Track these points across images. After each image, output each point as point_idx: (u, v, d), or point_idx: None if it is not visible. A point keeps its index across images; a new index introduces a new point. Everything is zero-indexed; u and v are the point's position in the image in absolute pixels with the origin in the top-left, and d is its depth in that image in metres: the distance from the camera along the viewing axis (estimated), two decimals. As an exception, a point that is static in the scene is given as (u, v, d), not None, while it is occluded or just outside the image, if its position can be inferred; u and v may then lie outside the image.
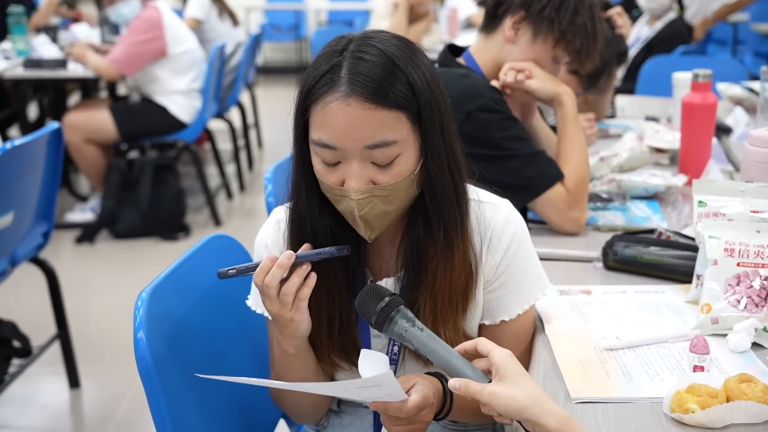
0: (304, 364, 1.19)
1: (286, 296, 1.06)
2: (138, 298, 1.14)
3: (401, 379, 1.05)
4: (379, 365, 1.03)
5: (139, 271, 3.65)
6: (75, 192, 4.55)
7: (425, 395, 1.03)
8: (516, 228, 1.17)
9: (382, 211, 1.07)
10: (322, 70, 1.03)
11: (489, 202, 1.18)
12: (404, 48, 1.06)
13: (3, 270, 2.26)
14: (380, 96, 1.01)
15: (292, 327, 1.11)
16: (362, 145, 1.02)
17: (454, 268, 1.12)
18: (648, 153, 2.10)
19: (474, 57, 1.77)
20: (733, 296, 1.23)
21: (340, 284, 1.15)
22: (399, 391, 0.98)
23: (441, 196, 1.09)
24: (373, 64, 1.02)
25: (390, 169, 1.05)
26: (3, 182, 2.08)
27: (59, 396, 2.67)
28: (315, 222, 1.12)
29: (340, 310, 1.16)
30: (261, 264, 1.07)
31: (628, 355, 1.17)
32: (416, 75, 1.04)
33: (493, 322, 1.20)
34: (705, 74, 1.91)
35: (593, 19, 1.69)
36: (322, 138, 1.04)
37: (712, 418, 0.97)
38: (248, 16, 8.43)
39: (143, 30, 3.90)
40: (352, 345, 1.18)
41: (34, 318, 2.78)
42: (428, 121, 1.05)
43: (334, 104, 1.02)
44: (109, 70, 3.89)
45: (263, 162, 5.52)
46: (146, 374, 1.10)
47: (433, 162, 1.07)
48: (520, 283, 1.19)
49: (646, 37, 4.13)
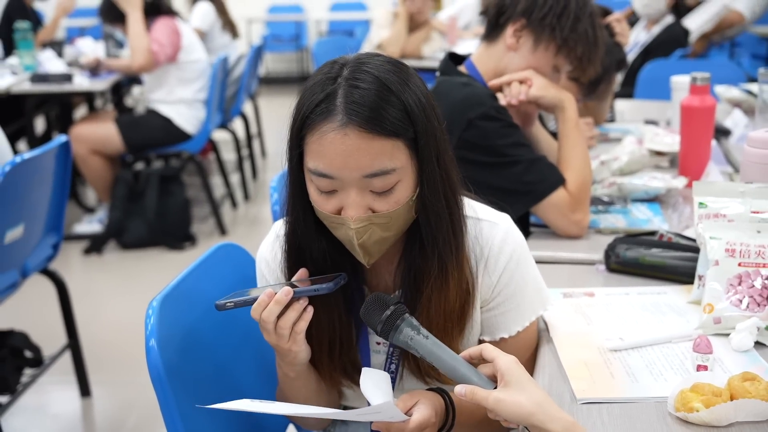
0: (305, 385, 1.20)
1: (283, 329, 1.06)
2: (149, 307, 1.15)
3: (404, 397, 1.05)
4: (381, 384, 1.04)
5: (147, 280, 3.68)
6: (82, 204, 4.58)
7: (427, 414, 1.03)
8: (513, 247, 1.16)
9: (380, 238, 1.06)
10: (316, 99, 1.01)
11: (487, 219, 1.17)
12: (399, 73, 1.04)
13: (14, 281, 2.29)
14: (377, 124, 0.99)
15: (290, 356, 1.12)
16: (360, 174, 1.01)
17: (448, 294, 1.12)
18: (648, 156, 2.12)
19: (475, 65, 1.79)
20: (735, 296, 1.25)
21: (339, 307, 1.15)
22: (399, 414, 0.99)
23: (436, 224, 1.08)
24: (367, 92, 1.00)
25: (389, 197, 1.04)
26: (13, 195, 2.11)
27: (70, 405, 2.70)
28: (313, 246, 1.11)
29: (340, 333, 1.16)
30: (258, 300, 1.06)
31: (632, 355, 1.18)
32: (412, 100, 1.02)
33: (493, 339, 1.20)
34: (703, 77, 1.93)
35: (594, 27, 1.70)
36: (318, 167, 1.02)
37: (717, 416, 0.98)
38: (250, 27, 8.47)
39: (163, 32, 3.97)
40: (352, 366, 1.19)
41: (45, 328, 2.81)
42: (424, 148, 1.04)
43: (331, 134, 1.00)
44: (143, 56, 3.91)
45: (267, 171, 5.54)
46: (158, 381, 1.10)
47: (429, 189, 1.06)
48: (519, 301, 1.18)
49: (643, 42, 4.14)
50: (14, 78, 3.99)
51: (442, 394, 1.10)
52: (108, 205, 4.10)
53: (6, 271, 2.22)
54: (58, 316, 2.63)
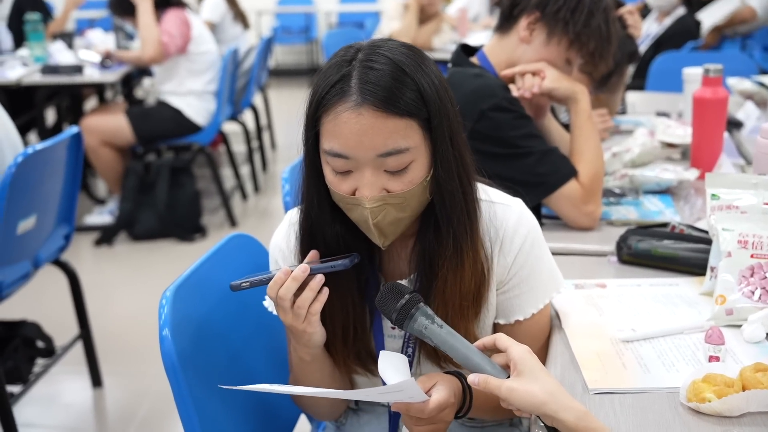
0: (320, 369, 1.20)
1: (300, 309, 1.07)
2: (162, 296, 1.16)
3: (422, 379, 1.06)
4: (399, 366, 1.05)
5: (158, 271, 3.69)
6: (93, 195, 4.60)
7: (446, 395, 1.04)
8: (528, 229, 1.17)
9: (396, 218, 1.07)
10: (332, 81, 1.03)
11: (501, 202, 1.18)
12: (413, 56, 1.06)
13: (27, 272, 2.30)
14: (391, 104, 1.01)
15: (305, 338, 1.12)
16: (375, 153, 1.02)
17: (463, 275, 1.12)
18: (660, 148, 2.11)
19: (488, 56, 1.79)
20: (747, 287, 1.25)
21: (353, 292, 1.16)
22: (420, 394, 1.00)
23: (450, 205, 1.09)
24: (382, 73, 1.02)
25: (403, 176, 1.05)
26: (26, 186, 2.12)
27: (82, 395, 2.72)
28: (327, 230, 1.12)
29: (354, 319, 1.17)
30: (275, 277, 1.07)
31: (644, 346, 1.19)
32: (425, 82, 1.04)
33: (508, 322, 1.21)
34: (716, 69, 1.92)
35: (608, 22, 1.70)
36: (334, 147, 1.04)
37: (729, 406, 0.99)
38: (259, 19, 8.47)
39: (174, 24, 3.98)
40: (367, 352, 1.20)
41: (57, 319, 2.82)
42: (438, 129, 1.05)
43: (345, 114, 1.02)
44: (153, 48, 3.93)
45: (277, 163, 5.55)
46: (172, 371, 1.11)
47: (443, 170, 1.07)
48: (534, 283, 1.19)
49: (655, 34, 4.13)
50: (25, 69, 4.01)
51: (459, 377, 1.11)
52: (118, 196, 4.12)
53: (18, 262, 2.24)
54: (70, 307, 2.64)
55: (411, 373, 1.11)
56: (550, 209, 1.72)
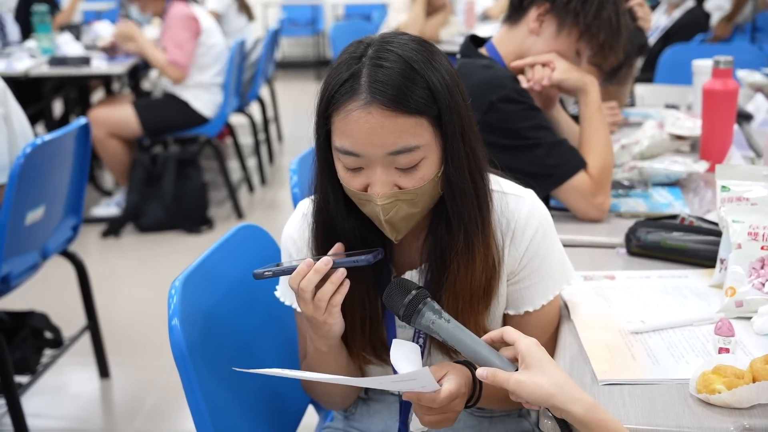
0: (336, 360, 1.20)
1: (321, 301, 1.07)
2: (171, 286, 1.16)
3: (433, 368, 1.06)
4: (411, 355, 1.05)
5: (164, 263, 3.70)
6: (100, 187, 4.61)
7: (457, 385, 1.04)
8: (540, 220, 1.17)
9: (407, 214, 1.08)
10: (341, 78, 1.03)
11: (512, 193, 1.18)
12: (423, 51, 1.05)
13: (35, 263, 2.31)
14: (400, 103, 1.01)
15: (325, 329, 1.12)
16: (385, 151, 1.03)
17: (474, 269, 1.12)
18: (669, 140, 2.10)
19: (497, 48, 1.78)
20: (757, 279, 1.24)
21: (368, 285, 1.16)
22: (433, 383, 1.00)
23: (461, 200, 1.09)
24: (392, 71, 1.02)
25: (414, 173, 1.05)
26: (34, 177, 2.13)
27: (90, 385, 2.73)
28: (343, 224, 1.13)
29: (369, 311, 1.17)
30: (298, 268, 1.07)
31: (654, 338, 1.18)
32: (435, 79, 1.03)
33: (518, 313, 1.21)
34: (726, 61, 1.91)
35: (618, 14, 1.69)
36: (344, 145, 1.04)
37: (739, 398, 0.98)
38: (266, 11, 8.46)
39: (184, 26, 3.98)
40: (380, 342, 1.20)
41: (65, 310, 2.83)
42: (448, 125, 1.05)
43: (355, 113, 1.02)
44: (175, 73, 4.00)
45: (283, 155, 5.55)
46: (181, 361, 1.11)
47: (453, 166, 1.07)
48: (544, 274, 1.19)
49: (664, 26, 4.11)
50: (32, 61, 4.01)
51: (470, 366, 1.11)
52: (125, 188, 4.13)
53: (27, 253, 2.24)
54: (78, 298, 2.65)
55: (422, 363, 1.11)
56: (558, 201, 1.71)
